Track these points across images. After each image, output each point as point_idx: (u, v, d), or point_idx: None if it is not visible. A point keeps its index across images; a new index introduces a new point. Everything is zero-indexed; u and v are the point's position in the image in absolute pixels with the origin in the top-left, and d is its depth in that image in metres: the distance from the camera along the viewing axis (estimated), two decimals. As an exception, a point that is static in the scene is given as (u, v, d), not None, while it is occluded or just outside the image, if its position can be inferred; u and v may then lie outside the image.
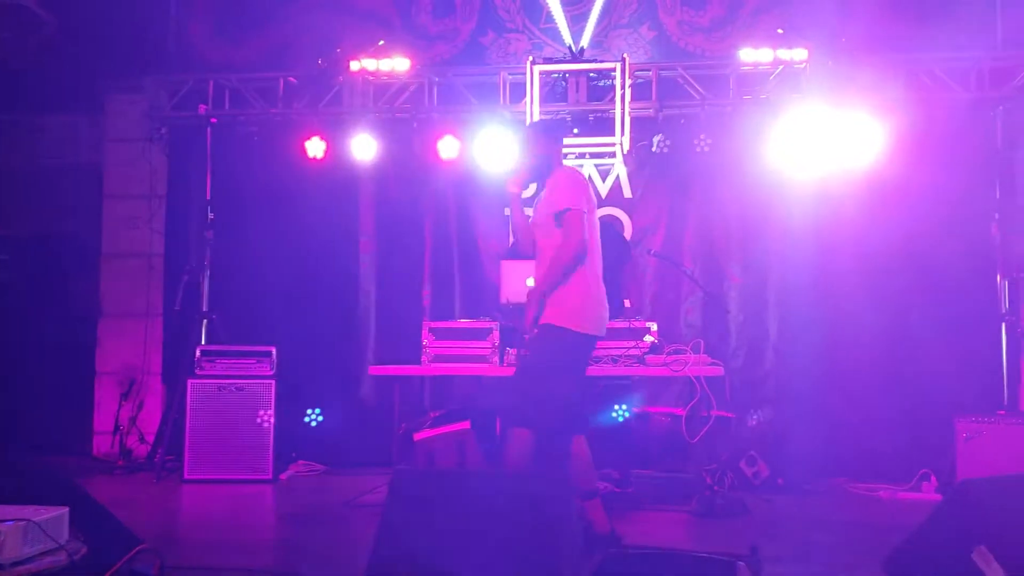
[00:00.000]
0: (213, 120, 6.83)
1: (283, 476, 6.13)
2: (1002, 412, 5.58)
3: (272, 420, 5.98)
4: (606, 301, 4.11)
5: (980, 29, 6.24)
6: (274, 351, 6.08)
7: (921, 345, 6.09)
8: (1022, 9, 6.12)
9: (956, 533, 2.84)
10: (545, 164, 4.19)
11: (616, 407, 5.91)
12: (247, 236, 6.84)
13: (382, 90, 6.74)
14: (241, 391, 6.00)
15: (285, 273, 6.76)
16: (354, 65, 6.55)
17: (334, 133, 6.64)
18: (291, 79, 6.78)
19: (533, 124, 4.38)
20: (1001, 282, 6.30)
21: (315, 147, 6.62)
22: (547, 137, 4.27)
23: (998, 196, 6.36)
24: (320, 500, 5.46)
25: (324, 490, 5.80)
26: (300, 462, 6.43)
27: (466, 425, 5.41)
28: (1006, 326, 6.26)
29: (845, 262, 6.25)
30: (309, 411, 6.62)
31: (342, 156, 6.64)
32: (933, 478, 5.60)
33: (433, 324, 5.52)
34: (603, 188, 6.70)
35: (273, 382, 6.03)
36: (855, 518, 5.05)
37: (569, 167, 4.38)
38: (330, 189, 6.80)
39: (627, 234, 6.71)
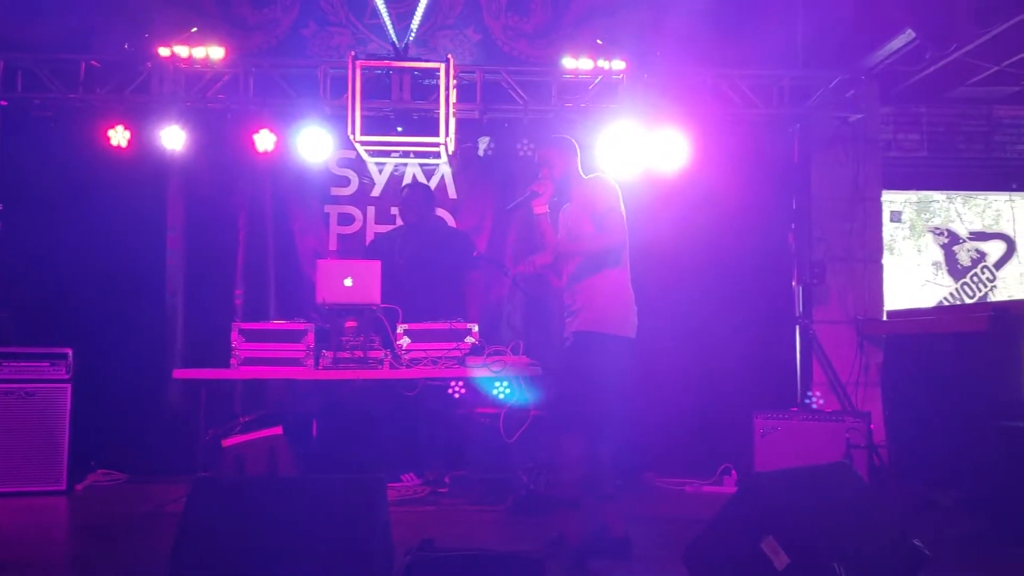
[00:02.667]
0: (3, 103, 6.32)
1: (79, 486, 5.77)
2: (795, 409, 5.96)
3: (67, 427, 5.60)
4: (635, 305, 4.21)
5: (783, 50, 6.64)
6: (71, 353, 5.69)
7: (723, 345, 6.42)
8: (819, 33, 6.55)
9: (747, 524, 2.98)
10: (566, 179, 4.31)
11: (438, 408, 5.89)
12: (42, 229, 6.33)
13: (194, 79, 6.41)
14: (31, 396, 5.59)
15: (85, 269, 6.32)
16: (163, 51, 6.19)
17: (140, 122, 6.25)
18: (94, 63, 6.32)
19: (548, 144, 4.39)
20: (796, 287, 6.74)
21: (119, 136, 6.21)
22: (565, 154, 4.36)
23: (794, 207, 6.80)
24: (120, 511, 5.16)
25: (125, 500, 5.48)
26: (100, 471, 6.08)
27: (278, 431, 5.24)
28: (800, 329, 6.71)
29: (654, 266, 6.47)
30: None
31: (149, 146, 6.26)
32: (734, 472, 5.92)
33: (244, 325, 5.31)
34: (428, 188, 6.67)
35: (69, 386, 5.66)
36: (662, 512, 5.27)
37: (598, 175, 4.38)
38: (135, 181, 6.38)
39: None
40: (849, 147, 6.78)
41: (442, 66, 6.26)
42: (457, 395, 5.76)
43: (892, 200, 7.23)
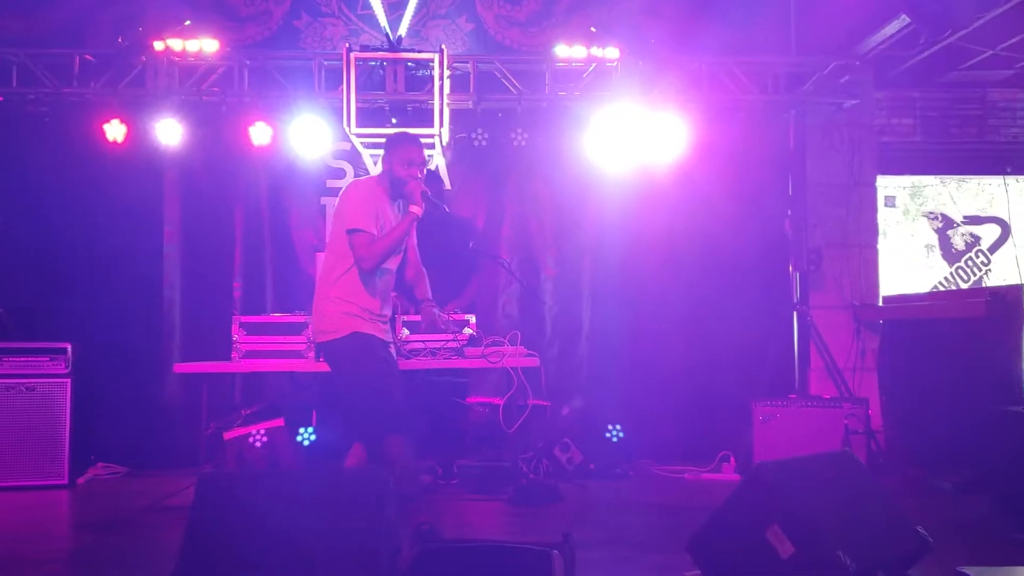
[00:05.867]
0: (-1, 98, 6.30)
1: (81, 480, 5.78)
2: (793, 396, 5.99)
3: (68, 421, 5.61)
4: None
5: (776, 36, 6.64)
6: (70, 348, 5.69)
7: (721, 333, 6.45)
8: (812, 19, 6.55)
9: (752, 513, 3.01)
10: None
11: (438, 398, 5.90)
12: (39, 224, 6.34)
13: (188, 72, 6.38)
14: (32, 391, 5.61)
15: (83, 264, 6.34)
16: (158, 45, 6.15)
17: (136, 116, 6.22)
18: (88, 56, 6.29)
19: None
20: (793, 274, 6.77)
21: (114, 130, 6.18)
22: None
23: (791, 193, 6.82)
24: (122, 504, 5.16)
25: (127, 494, 5.48)
26: (100, 465, 6.09)
27: (280, 422, 5.26)
28: (797, 315, 6.74)
29: (651, 254, 6.54)
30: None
31: (144, 140, 6.24)
32: (732, 459, 5.96)
33: (244, 319, 5.31)
34: (423, 179, 6.66)
35: (68, 380, 5.67)
36: (662, 500, 5.29)
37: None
38: (131, 175, 6.36)
39: (446, 225, 6.71)
40: (844, 133, 6.79)
41: (436, 57, 6.25)
42: (456, 385, 5.78)
43: (886, 185, 7.24)
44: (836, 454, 3.50)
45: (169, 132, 6.21)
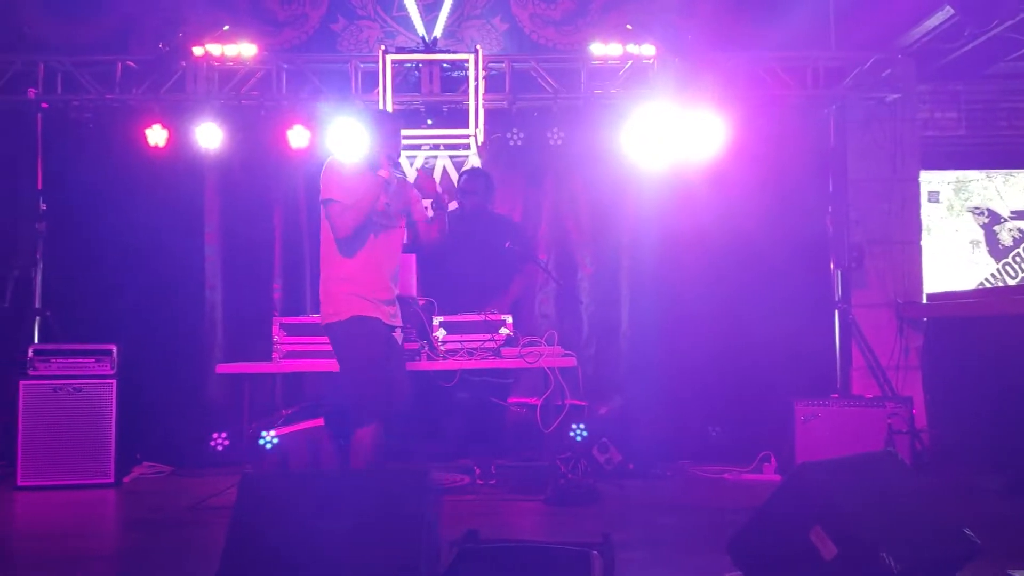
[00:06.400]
0: (44, 105, 6.44)
1: (127, 479, 5.88)
2: (835, 395, 5.91)
3: (114, 421, 5.71)
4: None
5: (815, 30, 6.55)
6: (115, 349, 5.79)
7: (761, 332, 6.36)
8: (852, 13, 6.46)
9: (794, 514, 2.96)
10: None
11: (476, 398, 5.91)
12: (83, 228, 6.46)
13: (228, 76, 6.47)
14: (79, 391, 5.71)
15: (125, 267, 6.42)
16: (197, 50, 6.25)
17: (177, 120, 6.33)
18: (130, 63, 6.40)
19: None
20: (834, 271, 6.68)
21: (156, 135, 6.29)
22: None
23: (831, 190, 6.73)
24: (166, 503, 5.23)
25: (171, 493, 5.56)
26: (145, 464, 6.19)
27: (319, 422, 5.29)
28: (839, 313, 6.65)
29: (689, 252, 6.48)
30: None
31: (186, 144, 6.34)
32: (773, 459, 5.88)
33: (284, 320, 5.35)
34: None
35: (114, 381, 5.76)
36: (702, 501, 5.24)
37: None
38: (173, 179, 6.48)
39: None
40: (886, 127, 6.68)
41: (471, 57, 6.27)
42: (499, 387, 5.78)
43: (929, 180, 7.12)
44: (880, 454, 3.44)
45: (209, 136, 6.30)
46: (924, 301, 6.63)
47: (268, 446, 5.25)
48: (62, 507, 5.21)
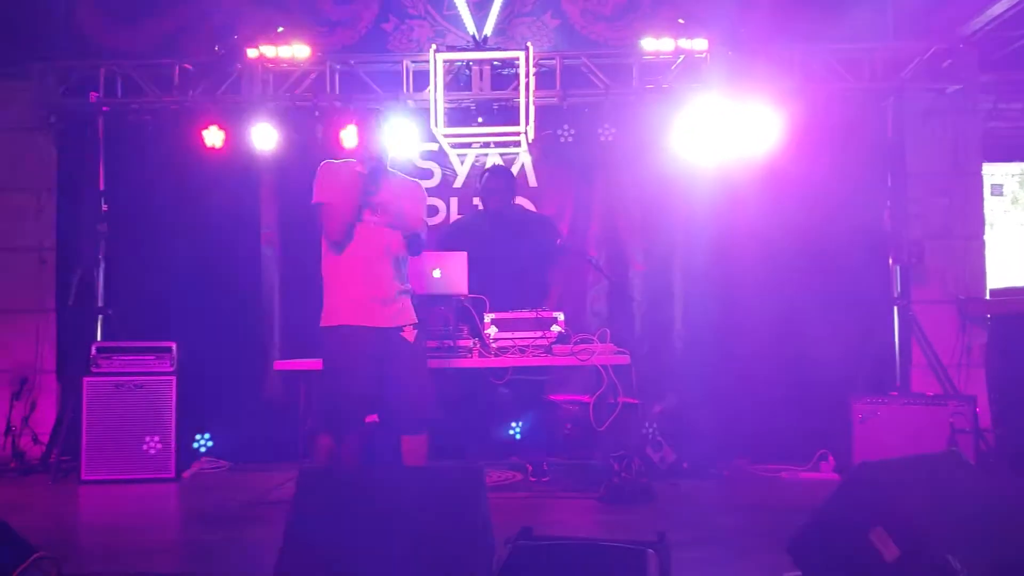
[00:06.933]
0: (105, 108, 6.60)
1: (186, 474, 6.00)
2: (895, 393, 5.81)
3: (173, 417, 5.84)
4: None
5: (873, 21, 6.42)
6: (174, 347, 5.94)
7: (817, 329, 6.23)
8: (911, 3, 6.32)
9: (854, 514, 2.91)
10: None
11: (528, 396, 5.91)
12: (143, 229, 6.62)
13: (282, 78, 6.55)
14: (140, 388, 5.87)
15: (184, 267, 6.54)
16: (252, 52, 6.34)
17: (233, 122, 6.43)
18: (187, 66, 6.52)
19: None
20: (893, 267, 6.54)
21: (213, 136, 6.39)
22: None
23: (890, 184, 6.59)
24: (225, 498, 5.33)
25: (229, 488, 5.66)
26: (204, 459, 6.31)
27: (374, 418, 5.33)
28: (898, 310, 6.51)
29: (743, 249, 6.38)
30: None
31: (241, 145, 6.44)
32: (831, 458, 5.80)
33: (338, 319, 5.39)
34: (510, 177, 6.68)
35: (174, 378, 5.91)
36: (758, 500, 5.19)
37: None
38: (230, 179, 6.58)
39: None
40: (947, 119, 6.52)
41: (521, 54, 6.25)
42: (546, 383, 5.78)
43: (992, 173, 6.93)
44: (943, 454, 3.36)
45: (264, 137, 6.39)
46: (988, 297, 6.45)
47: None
48: (124, 501, 5.35)
